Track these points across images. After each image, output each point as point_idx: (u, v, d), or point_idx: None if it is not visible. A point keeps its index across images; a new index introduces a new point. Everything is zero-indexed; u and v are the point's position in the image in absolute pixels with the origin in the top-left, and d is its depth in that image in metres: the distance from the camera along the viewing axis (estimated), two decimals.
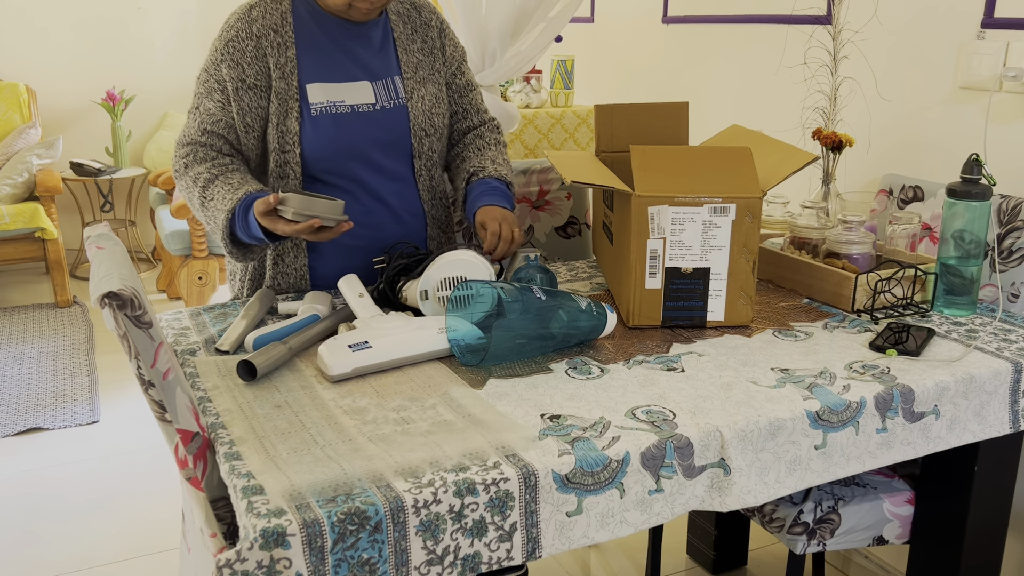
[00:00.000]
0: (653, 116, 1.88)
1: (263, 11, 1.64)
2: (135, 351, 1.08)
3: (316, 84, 1.65)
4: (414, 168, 1.76)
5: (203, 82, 1.66)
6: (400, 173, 1.75)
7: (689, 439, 1.18)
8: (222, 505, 1.19)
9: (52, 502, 2.58)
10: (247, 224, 1.54)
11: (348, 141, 1.66)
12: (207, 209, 1.60)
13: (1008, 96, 1.91)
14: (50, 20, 4.81)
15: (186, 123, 1.69)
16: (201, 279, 3.86)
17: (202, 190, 1.60)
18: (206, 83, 1.66)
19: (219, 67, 1.63)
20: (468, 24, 2.82)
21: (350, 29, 1.68)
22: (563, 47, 3.68)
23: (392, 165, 1.73)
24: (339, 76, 1.67)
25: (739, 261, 1.51)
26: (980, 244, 1.60)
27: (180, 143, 1.68)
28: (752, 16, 2.61)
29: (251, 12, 1.64)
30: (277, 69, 1.63)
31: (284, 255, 1.72)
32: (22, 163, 4.32)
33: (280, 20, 1.64)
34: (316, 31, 1.66)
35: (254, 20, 1.63)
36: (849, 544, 1.62)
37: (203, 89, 1.66)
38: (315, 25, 1.66)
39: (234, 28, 1.63)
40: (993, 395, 1.42)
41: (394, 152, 1.72)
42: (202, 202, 1.61)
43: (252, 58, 1.62)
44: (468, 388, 1.30)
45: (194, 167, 1.64)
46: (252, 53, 1.62)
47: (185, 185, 1.65)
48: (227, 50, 1.63)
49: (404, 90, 1.73)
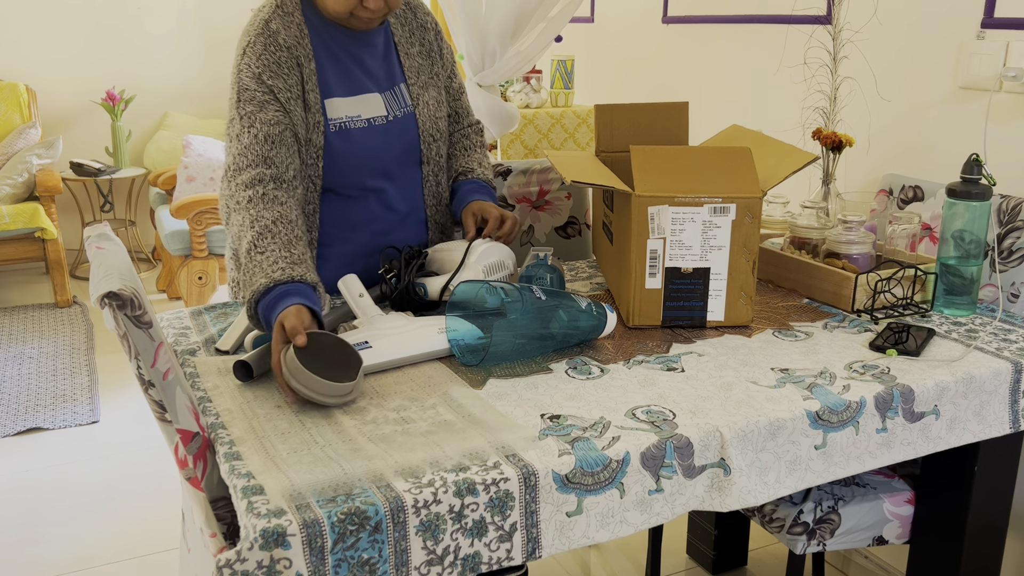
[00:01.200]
0: (653, 116, 1.88)
1: (282, 24, 1.59)
2: (135, 351, 1.08)
3: (333, 99, 1.63)
4: (423, 173, 1.76)
5: (248, 100, 1.55)
6: (410, 179, 1.75)
7: (689, 439, 1.18)
8: (222, 505, 1.19)
9: (52, 502, 2.58)
10: (271, 310, 1.36)
11: (366, 155, 1.65)
12: (251, 259, 1.44)
13: (1008, 96, 1.91)
14: (50, 20, 4.81)
15: (235, 148, 1.55)
16: (201, 279, 3.86)
17: (257, 236, 1.45)
18: (252, 100, 1.55)
19: (261, 80, 1.55)
20: (468, 24, 2.82)
21: (356, 38, 1.66)
22: (563, 47, 3.68)
23: (403, 173, 1.73)
24: (352, 90, 1.65)
25: (739, 261, 1.51)
26: (980, 244, 1.60)
27: (239, 167, 1.53)
28: (752, 16, 2.61)
29: (270, 25, 1.59)
30: (308, 81, 1.59)
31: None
32: (22, 163, 4.32)
33: (298, 31, 1.60)
34: (329, 42, 1.64)
35: (277, 32, 1.58)
36: (849, 544, 1.62)
37: (252, 107, 1.55)
38: (326, 35, 1.64)
39: (260, 42, 1.57)
40: (993, 395, 1.42)
41: (406, 160, 1.72)
42: (250, 249, 1.45)
43: (288, 68, 1.57)
44: (468, 388, 1.30)
45: (259, 206, 1.49)
46: (287, 63, 1.57)
47: (240, 221, 1.49)
48: (263, 62, 1.56)
49: (410, 97, 1.72)
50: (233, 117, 1.58)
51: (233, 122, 1.58)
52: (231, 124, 1.59)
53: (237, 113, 1.57)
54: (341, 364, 1.24)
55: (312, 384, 1.20)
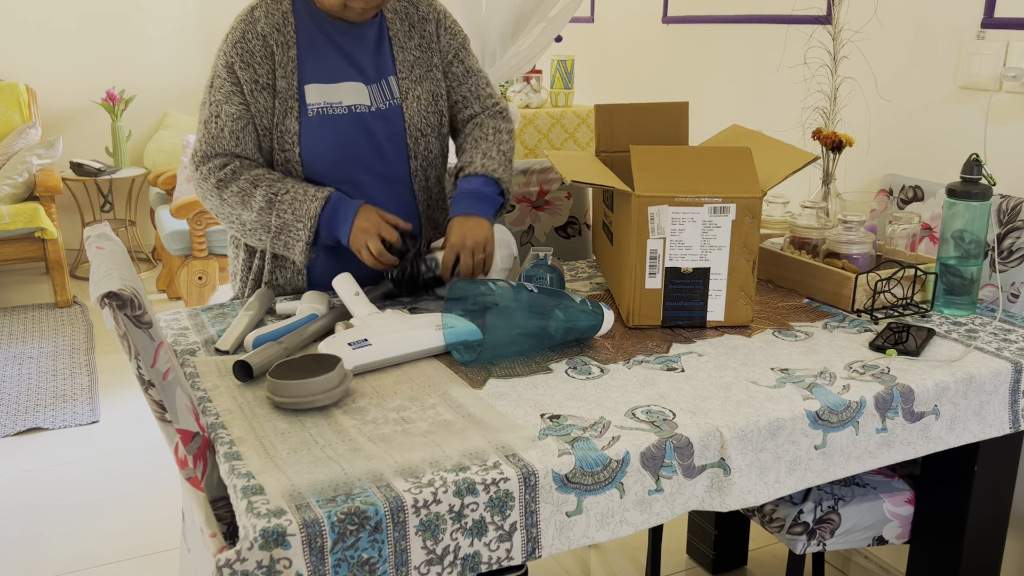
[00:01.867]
0: (653, 116, 1.88)
1: (265, 11, 1.64)
2: (135, 351, 1.08)
3: (314, 85, 1.65)
4: (411, 169, 1.76)
5: (217, 88, 1.63)
6: (396, 175, 1.74)
7: (689, 439, 1.18)
8: (222, 505, 1.19)
9: (52, 502, 2.58)
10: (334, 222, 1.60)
11: (345, 142, 1.66)
12: (279, 204, 1.60)
13: (1008, 96, 1.91)
14: (50, 20, 4.81)
15: (203, 134, 1.64)
16: (201, 279, 3.86)
17: (269, 188, 1.60)
18: (221, 88, 1.63)
19: (232, 69, 1.62)
20: (468, 24, 2.82)
21: (346, 30, 1.68)
22: (563, 47, 3.68)
23: (388, 167, 1.72)
24: (336, 77, 1.67)
25: (739, 261, 1.51)
26: (980, 244, 1.60)
27: (205, 155, 1.64)
28: (752, 16, 2.61)
29: (253, 12, 1.64)
30: (280, 68, 1.63)
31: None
32: (22, 163, 4.32)
33: (282, 19, 1.64)
34: (315, 31, 1.66)
35: (257, 20, 1.63)
36: (849, 544, 1.62)
37: (219, 96, 1.63)
38: (313, 25, 1.66)
39: (239, 29, 1.63)
40: (993, 395, 1.42)
41: (390, 154, 1.72)
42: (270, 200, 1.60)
43: (261, 57, 1.62)
44: (468, 388, 1.30)
45: (244, 174, 1.62)
46: (260, 52, 1.62)
47: (237, 190, 1.62)
48: (236, 51, 1.62)
49: (399, 90, 1.72)
50: (204, 101, 1.67)
51: (204, 106, 1.67)
52: (202, 107, 1.67)
53: (208, 98, 1.65)
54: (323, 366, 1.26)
55: (295, 390, 1.22)
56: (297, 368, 1.26)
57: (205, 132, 1.64)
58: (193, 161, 1.66)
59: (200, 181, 1.65)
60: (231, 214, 1.64)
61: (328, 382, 1.23)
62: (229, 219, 1.65)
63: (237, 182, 1.61)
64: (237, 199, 1.62)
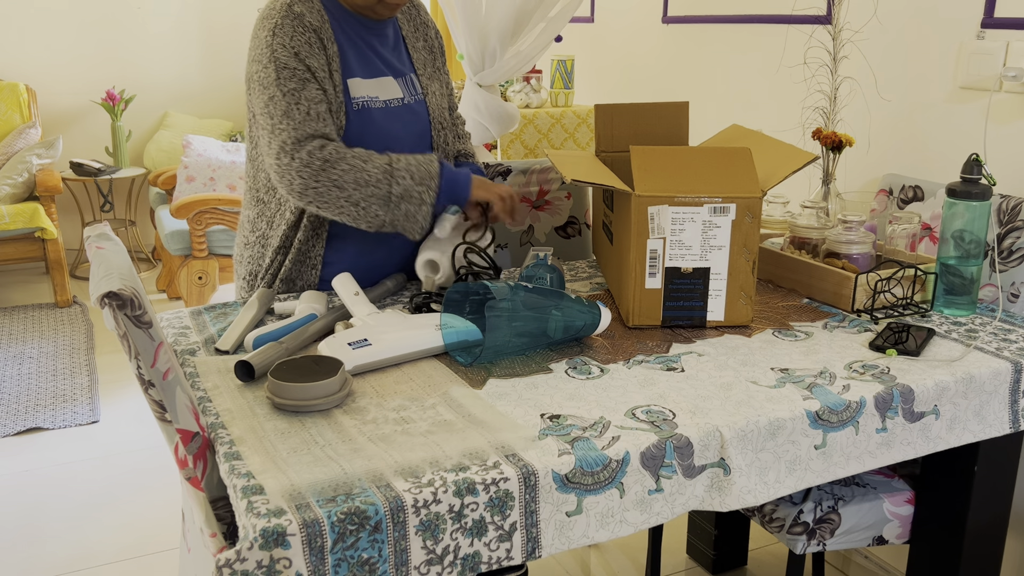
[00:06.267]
0: (653, 116, 1.88)
1: (305, 8, 1.62)
2: (135, 351, 1.08)
3: (355, 79, 1.67)
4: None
5: (288, 79, 1.57)
6: None
7: (689, 439, 1.18)
8: (222, 505, 1.19)
9: (52, 502, 2.58)
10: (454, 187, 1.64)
11: (385, 135, 1.68)
12: (396, 172, 1.57)
13: (1008, 96, 1.91)
14: (50, 20, 4.81)
15: (287, 124, 1.56)
16: (201, 279, 3.86)
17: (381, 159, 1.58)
18: (292, 77, 1.57)
19: (300, 58, 1.57)
20: (468, 24, 2.82)
21: (370, 27, 1.71)
22: (563, 47, 3.68)
23: None
24: (372, 72, 1.70)
25: (739, 261, 1.51)
26: (980, 244, 1.60)
27: (298, 140, 1.55)
28: (752, 16, 2.61)
29: (293, 8, 1.61)
30: (332, 61, 1.63)
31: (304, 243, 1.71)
32: (22, 163, 4.32)
33: (319, 16, 1.64)
34: (347, 27, 1.68)
35: (302, 15, 1.61)
36: (849, 544, 1.62)
37: (293, 84, 1.57)
38: (343, 21, 1.68)
39: (288, 23, 1.59)
40: (993, 395, 1.42)
41: (419, 146, 1.76)
42: (387, 170, 1.56)
43: (318, 49, 1.60)
44: (468, 388, 1.30)
45: (348, 152, 1.56)
46: (316, 43, 1.61)
47: (348, 167, 1.55)
48: (297, 42, 1.58)
49: (420, 86, 1.79)
50: (274, 95, 1.57)
51: (275, 99, 1.57)
52: (272, 102, 1.57)
53: (279, 91, 1.57)
54: (324, 370, 1.26)
55: (296, 393, 1.22)
56: (298, 369, 1.26)
57: (289, 121, 1.56)
58: (285, 151, 1.55)
59: (300, 168, 1.55)
60: (339, 197, 1.56)
61: (329, 387, 1.23)
62: (336, 202, 1.57)
63: (346, 160, 1.55)
64: (350, 176, 1.55)
